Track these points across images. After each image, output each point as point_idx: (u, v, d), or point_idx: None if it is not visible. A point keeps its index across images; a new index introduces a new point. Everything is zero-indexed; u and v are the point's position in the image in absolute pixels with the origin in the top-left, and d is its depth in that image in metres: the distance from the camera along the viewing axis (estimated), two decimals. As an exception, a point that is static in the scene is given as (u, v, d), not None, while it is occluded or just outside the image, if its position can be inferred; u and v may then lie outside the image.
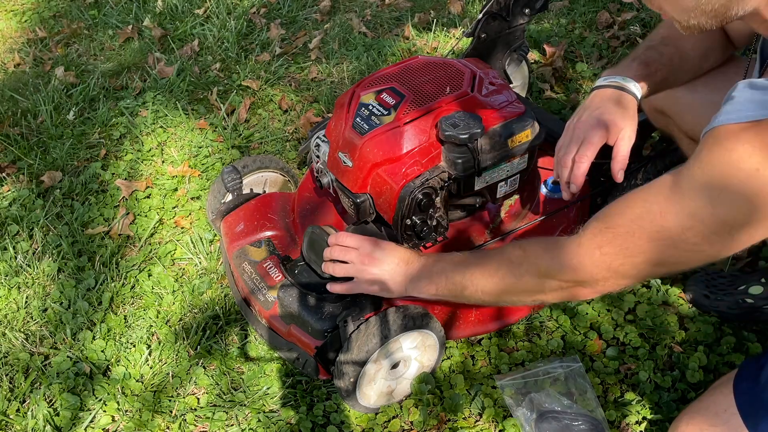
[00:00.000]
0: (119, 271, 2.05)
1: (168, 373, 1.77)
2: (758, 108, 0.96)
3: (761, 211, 0.98)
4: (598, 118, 1.38)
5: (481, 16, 1.92)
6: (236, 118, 2.58)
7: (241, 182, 1.90)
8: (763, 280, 1.68)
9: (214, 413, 1.67)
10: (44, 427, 1.67)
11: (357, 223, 1.65)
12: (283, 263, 1.62)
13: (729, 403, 1.22)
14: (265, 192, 2.00)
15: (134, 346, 1.85)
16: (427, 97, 1.56)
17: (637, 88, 1.39)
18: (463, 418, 1.60)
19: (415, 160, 1.50)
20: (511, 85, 1.95)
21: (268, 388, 1.71)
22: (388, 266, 1.43)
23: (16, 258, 2.12)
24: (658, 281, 1.81)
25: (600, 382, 1.62)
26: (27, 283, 2.05)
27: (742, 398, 1.21)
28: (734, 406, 1.21)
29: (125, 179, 2.37)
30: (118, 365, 1.80)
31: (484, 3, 2.03)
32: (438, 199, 1.52)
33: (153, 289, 2.00)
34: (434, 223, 1.55)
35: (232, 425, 1.65)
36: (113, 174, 2.41)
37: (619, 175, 1.39)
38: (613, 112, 1.37)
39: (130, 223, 2.20)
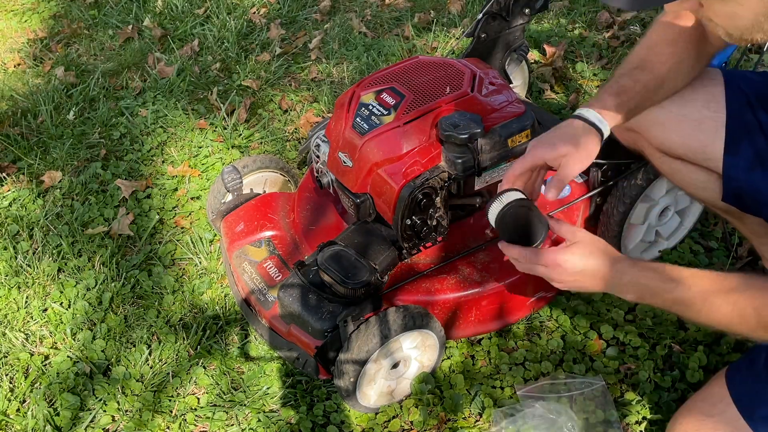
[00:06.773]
0: (119, 271, 2.05)
1: (168, 373, 1.77)
2: None
3: None
4: (549, 141, 1.30)
5: (481, 16, 1.92)
6: (236, 118, 2.58)
7: (241, 182, 1.90)
8: None
9: (214, 413, 1.67)
10: (44, 427, 1.67)
11: (357, 222, 1.65)
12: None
13: (723, 394, 1.24)
14: (265, 192, 2.00)
15: (134, 346, 1.85)
16: (427, 97, 1.56)
17: (604, 124, 1.30)
18: (463, 418, 1.60)
19: (415, 160, 1.50)
20: (511, 85, 1.95)
21: (268, 388, 1.71)
22: (588, 281, 1.24)
23: (16, 258, 2.12)
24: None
25: (600, 382, 1.62)
26: (27, 283, 2.05)
27: (736, 389, 1.24)
28: (728, 396, 1.23)
29: (125, 179, 2.37)
30: (118, 365, 1.80)
31: (484, 3, 2.03)
32: (438, 199, 1.52)
33: (153, 289, 2.00)
34: (434, 223, 1.55)
35: (232, 425, 1.65)
36: (113, 174, 2.41)
37: (550, 195, 1.29)
38: (566, 140, 1.28)
39: (130, 223, 2.20)
